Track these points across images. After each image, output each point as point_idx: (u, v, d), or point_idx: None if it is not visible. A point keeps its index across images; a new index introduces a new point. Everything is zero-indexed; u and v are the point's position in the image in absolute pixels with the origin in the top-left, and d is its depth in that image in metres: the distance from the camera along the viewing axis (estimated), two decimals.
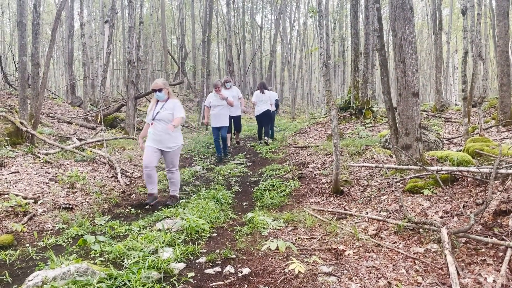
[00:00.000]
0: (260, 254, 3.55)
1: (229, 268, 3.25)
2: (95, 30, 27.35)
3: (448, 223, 3.76)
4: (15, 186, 5.85)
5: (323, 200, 5.43)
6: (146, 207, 5.71)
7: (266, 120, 10.93)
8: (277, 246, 3.58)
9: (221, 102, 9.27)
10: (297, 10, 35.32)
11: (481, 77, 12.32)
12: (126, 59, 16.45)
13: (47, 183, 6.18)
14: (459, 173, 4.87)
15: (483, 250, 3.23)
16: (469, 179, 4.79)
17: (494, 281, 2.74)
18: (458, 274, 2.85)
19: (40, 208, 5.21)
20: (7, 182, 5.93)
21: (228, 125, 9.63)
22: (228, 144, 10.51)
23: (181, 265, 3.37)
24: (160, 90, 5.68)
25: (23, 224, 4.64)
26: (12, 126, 8.21)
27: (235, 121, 10.93)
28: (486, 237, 3.33)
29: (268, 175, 7.31)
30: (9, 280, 3.16)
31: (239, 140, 11.82)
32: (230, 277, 3.11)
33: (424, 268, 3.07)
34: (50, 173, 6.62)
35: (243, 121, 17.46)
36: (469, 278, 2.83)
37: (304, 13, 35.40)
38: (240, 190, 6.64)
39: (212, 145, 11.38)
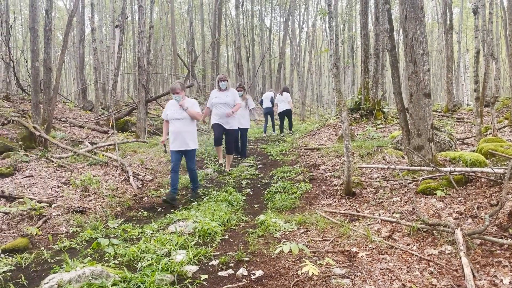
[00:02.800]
0: (272, 256, 3.55)
1: (242, 271, 3.25)
2: (106, 35, 27.62)
3: (462, 225, 3.73)
4: (30, 190, 5.93)
5: (335, 202, 5.41)
6: (158, 210, 5.75)
7: (285, 116, 13.81)
8: (290, 249, 3.57)
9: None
10: (306, 12, 35.28)
11: (493, 77, 12.19)
12: (136, 63, 16.58)
13: (60, 186, 6.25)
14: (473, 174, 4.81)
15: (498, 251, 3.19)
16: (483, 180, 4.74)
17: (510, 282, 2.71)
18: (474, 276, 2.82)
19: (54, 211, 5.28)
20: (21, 186, 6.02)
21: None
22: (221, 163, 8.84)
23: (194, 268, 3.38)
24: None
25: (37, 228, 4.70)
26: (26, 130, 8.33)
27: (228, 135, 8.13)
28: (502, 238, 3.30)
29: (279, 177, 7.30)
30: (25, 283, 3.20)
31: (227, 169, 8.21)
32: (243, 280, 3.12)
33: (438, 270, 3.04)
34: (63, 176, 6.69)
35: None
36: (484, 280, 2.80)
37: (313, 14, 35.36)
38: (251, 192, 6.64)
39: (222, 148, 11.41)
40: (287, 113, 13.62)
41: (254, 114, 9.12)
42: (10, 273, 3.45)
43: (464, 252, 3.02)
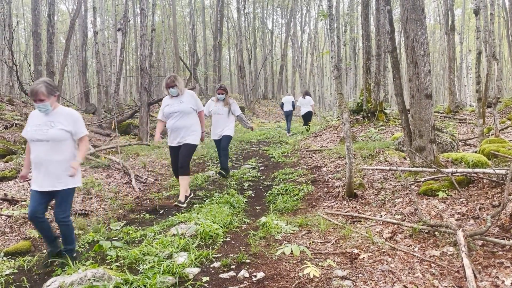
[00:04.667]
0: (274, 258, 3.55)
1: (244, 273, 3.25)
2: (108, 38, 27.74)
3: (464, 226, 3.72)
4: None
5: (336, 203, 5.40)
6: (160, 212, 5.76)
7: (307, 118, 14.93)
8: (291, 251, 3.58)
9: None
10: (307, 14, 35.36)
11: (495, 78, 12.16)
12: (138, 66, 16.63)
13: None
14: (475, 175, 4.80)
15: (500, 252, 3.19)
16: (485, 181, 4.73)
17: None
18: (475, 277, 2.82)
19: None
20: (24, 189, 6.04)
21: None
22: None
23: (196, 270, 3.38)
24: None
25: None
26: None
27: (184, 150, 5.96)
28: (503, 239, 3.29)
29: (281, 179, 7.30)
30: (27, 286, 3.22)
31: (182, 204, 5.78)
32: (244, 282, 3.12)
33: (440, 272, 3.04)
34: None
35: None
36: (486, 281, 2.79)
37: (314, 16, 35.40)
38: (253, 194, 6.64)
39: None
40: (308, 115, 15.01)
41: (245, 121, 8.06)
42: (13, 276, 3.46)
43: (466, 253, 3.02)
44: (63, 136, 3.64)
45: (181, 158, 5.87)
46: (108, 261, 3.70)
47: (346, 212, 4.92)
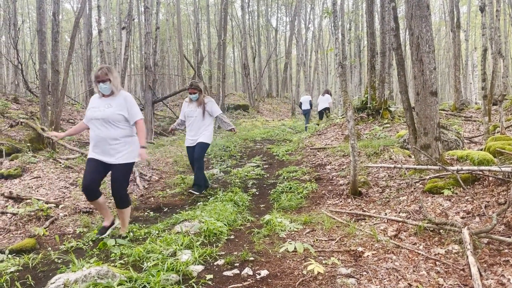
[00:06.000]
0: (278, 256, 3.54)
1: (247, 270, 3.25)
2: (113, 37, 27.80)
3: (470, 224, 3.69)
4: (37, 191, 5.98)
5: (341, 201, 5.39)
6: (164, 210, 5.76)
7: (322, 114, 15.85)
8: (295, 248, 3.57)
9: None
10: (312, 12, 35.25)
11: (501, 75, 12.08)
12: (143, 64, 16.66)
13: (68, 187, 6.29)
14: (480, 173, 4.77)
15: (506, 250, 3.16)
16: (490, 178, 4.69)
17: None
18: (481, 275, 2.80)
19: (61, 212, 5.31)
20: (29, 187, 6.07)
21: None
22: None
23: (200, 267, 3.38)
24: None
25: (45, 228, 4.74)
26: (34, 132, 8.41)
27: (115, 173, 4.40)
28: (509, 237, 3.26)
29: (285, 177, 7.29)
30: (32, 283, 3.22)
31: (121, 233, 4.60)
32: (248, 279, 3.12)
33: (445, 270, 3.02)
34: (70, 177, 6.74)
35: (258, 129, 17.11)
36: (492, 279, 2.77)
37: (319, 14, 35.30)
38: (257, 192, 6.64)
39: (228, 148, 11.44)
40: (325, 110, 16.07)
41: (226, 122, 6.62)
42: (18, 273, 3.47)
43: (471, 251, 2.99)
44: None
45: (115, 186, 4.29)
46: (112, 258, 3.71)
47: (350, 210, 4.90)
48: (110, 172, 4.35)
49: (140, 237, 4.38)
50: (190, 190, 6.43)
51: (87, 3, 19.16)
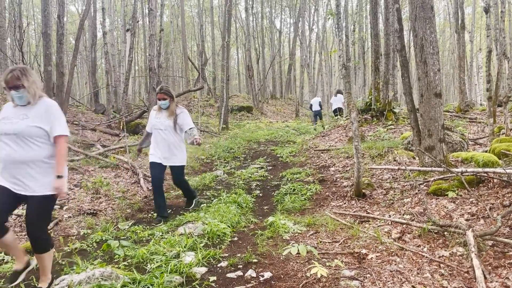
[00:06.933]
0: (281, 258, 3.54)
1: (251, 272, 3.25)
2: (117, 39, 27.89)
3: (474, 226, 3.67)
4: None
5: (344, 203, 5.37)
6: (168, 211, 5.77)
7: (338, 113, 16.00)
8: (298, 250, 3.56)
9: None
10: (315, 13, 35.24)
11: (506, 76, 12.00)
12: (147, 66, 16.71)
13: (72, 189, 6.32)
14: (485, 175, 4.75)
15: (510, 253, 3.14)
16: (495, 180, 4.67)
17: None
18: (485, 277, 2.78)
19: (65, 213, 5.33)
20: None
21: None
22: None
23: (203, 269, 3.38)
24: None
25: (49, 230, 4.75)
26: None
27: (30, 209, 3.17)
28: None
29: (289, 179, 7.28)
30: (36, 284, 3.24)
31: None
32: (251, 281, 3.11)
33: (449, 272, 3.00)
34: (75, 179, 6.77)
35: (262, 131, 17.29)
36: (496, 282, 2.75)
37: (323, 15, 35.28)
38: (260, 194, 6.64)
39: (232, 149, 11.44)
40: (338, 110, 16.35)
41: (195, 136, 5.22)
42: None
43: (476, 254, 2.98)
44: None
45: (31, 222, 3.10)
46: (116, 260, 3.72)
47: (354, 212, 4.89)
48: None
49: (144, 238, 4.39)
50: (186, 209, 5.66)
51: (92, 5, 19.25)
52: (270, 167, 8.86)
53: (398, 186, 5.56)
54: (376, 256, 3.40)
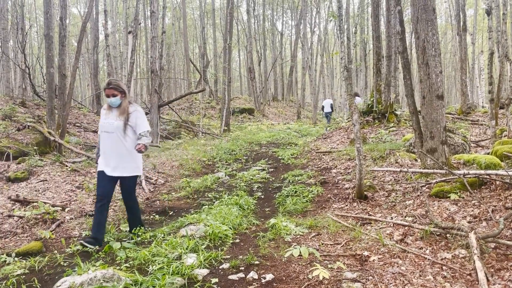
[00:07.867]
0: (283, 260, 3.54)
1: (253, 274, 3.24)
2: (119, 41, 27.97)
3: (477, 228, 3.66)
4: (44, 194, 6.01)
5: (346, 205, 5.36)
6: (170, 213, 5.77)
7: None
8: (300, 252, 3.55)
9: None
10: (317, 15, 35.26)
11: (508, 78, 11.99)
12: (149, 68, 16.75)
13: (74, 191, 6.32)
14: (487, 177, 4.73)
15: None
16: (497, 182, 4.65)
17: None
18: (488, 280, 2.77)
19: (67, 215, 5.34)
20: (36, 190, 6.11)
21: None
22: None
23: (205, 271, 3.38)
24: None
25: (51, 231, 4.76)
26: (41, 135, 8.46)
27: None
28: None
29: (290, 181, 7.28)
30: (38, 286, 3.24)
31: None
32: (253, 283, 3.11)
33: (452, 274, 2.99)
34: (77, 181, 6.77)
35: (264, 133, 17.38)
36: (499, 284, 2.74)
37: (324, 18, 35.32)
38: (262, 196, 6.63)
39: (234, 151, 11.44)
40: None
41: (139, 142, 4.32)
42: (24, 276, 3.49)
43: (478, 256, 2.97)
44: None
45: None
46: (118, 262, 3.72)
47: (356, 214, 4.88)
48: None
49: (146, 240, 4.38)
50: (129, 232, 4.66)
51: (94, 7, 19.31)
52: (272, 169, 8.86)
53: (400, 188, 5.55)
54: (378, 258, 3.39)
